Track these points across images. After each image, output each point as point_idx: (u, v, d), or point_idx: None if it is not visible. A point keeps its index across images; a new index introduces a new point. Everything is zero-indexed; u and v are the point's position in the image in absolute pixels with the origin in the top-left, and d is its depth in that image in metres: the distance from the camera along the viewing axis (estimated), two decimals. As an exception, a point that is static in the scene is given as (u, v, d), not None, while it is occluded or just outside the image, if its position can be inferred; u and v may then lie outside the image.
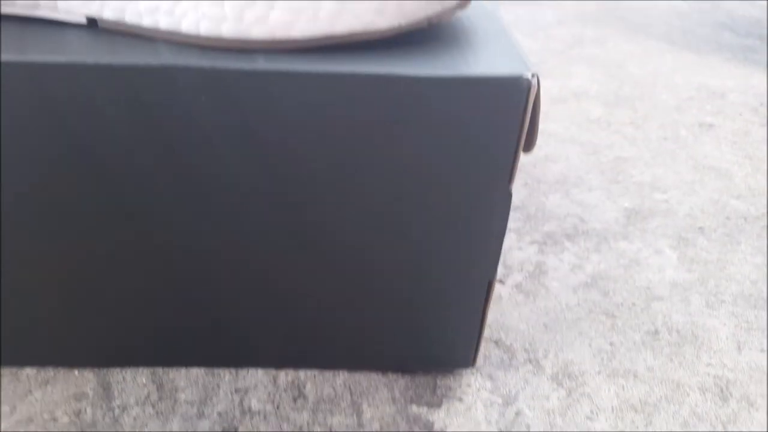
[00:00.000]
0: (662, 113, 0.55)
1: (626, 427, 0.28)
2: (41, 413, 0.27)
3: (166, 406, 0.28)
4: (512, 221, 0.41)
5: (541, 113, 0.22)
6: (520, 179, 0.45)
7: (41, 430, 0.26)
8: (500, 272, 0.36)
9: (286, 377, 0.29)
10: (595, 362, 0.31)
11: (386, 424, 0.28)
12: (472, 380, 0.30)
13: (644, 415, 0.29)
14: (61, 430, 0.26)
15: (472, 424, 0.28)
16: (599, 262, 0.38)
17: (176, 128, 0.22)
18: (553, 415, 0.28)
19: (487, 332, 0.32)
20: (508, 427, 0.28)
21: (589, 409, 0.29)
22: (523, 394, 0.29)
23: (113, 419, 0.27)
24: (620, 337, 0.33)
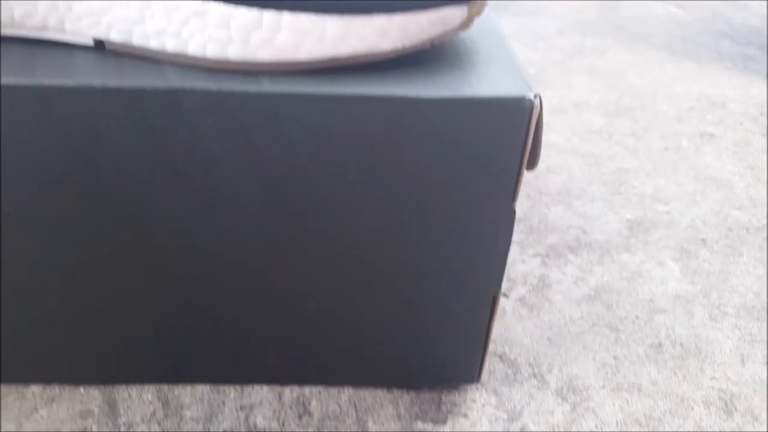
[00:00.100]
0: (663, 123, 0.56)
1: (631, 442, 0.28)
2: (47, 431, 0.27)
3: (171, 423, 0.28)
4: (515, 233, 0.41)
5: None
6: (522, 191, 0.45)
7: (48, 448, 0.27)
8: (504, 285, 0.36)
9: (291, 394, 0.29)
10: (599, 376, 0.31)
11: (391, 440, 0.28)
12: (476, 396, 0.30)
13: (649, 429, 0.29)
14: (67, 448, 0.27)
15: (477, 439, 0.28)
16: (602, 274, 0.38)
17: (183, 150, 0.22)
18: (558, 430, 0.29)
19: (491, 346, 0.33)
20: (513, 442, 0.28)
21: (593, 423, 0.29)
22: (527, 409, 0.29)
23: (119, 437, 0.27)
24: (624, 350, 0.33)
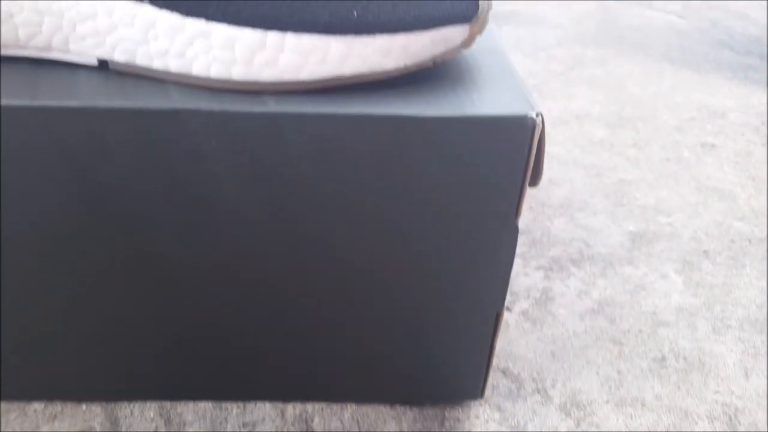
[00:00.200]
0: (664, 134, 0.56)
1: (636, 457, 0.28)
2: (50, 449, 0.27)
3: (174, 440, 0.28)
4: (518, 246, 0.41)
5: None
6: (524, 203, 0.45)
7: (50, 467, 0.26)
8: (507, 299, 0.36)
9: (293, 411, 0.29)
10: (602, 391, 0.31)
11: (395, 457, 0.28)
12: (480, 411, 0.30)
13: (653, 445, 0.29)
14: (70, 466, 0.26)
15: (481, 456, 0.28)
16: (605, 287, 0.38)
17: (187, 170, 0.22)
18: (562, 446, 0.28)
19: (494, 361, 0.32)
20: (517, 459, 0.28)
21: (598, 439, 0.29)
22: (531, 425, 0.29)
23: (122, 455, 0.27)
24: (627, 364, 0.33)
